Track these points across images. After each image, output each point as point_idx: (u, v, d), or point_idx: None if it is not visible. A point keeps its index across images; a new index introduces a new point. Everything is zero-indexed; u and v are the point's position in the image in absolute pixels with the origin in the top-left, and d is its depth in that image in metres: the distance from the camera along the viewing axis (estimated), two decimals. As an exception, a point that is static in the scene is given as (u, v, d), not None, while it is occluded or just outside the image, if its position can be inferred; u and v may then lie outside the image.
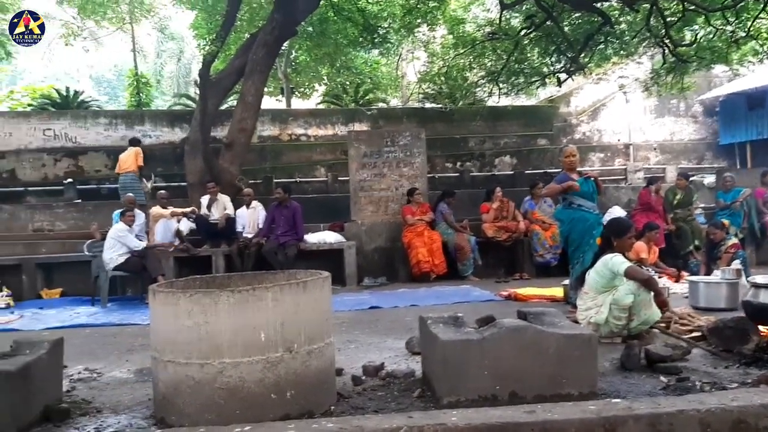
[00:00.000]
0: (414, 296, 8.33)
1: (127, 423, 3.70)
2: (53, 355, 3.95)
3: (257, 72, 11.04)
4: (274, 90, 21.20)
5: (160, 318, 3.57)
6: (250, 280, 4.32)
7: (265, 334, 3.43)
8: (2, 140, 14.49)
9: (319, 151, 15.65)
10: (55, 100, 17.21)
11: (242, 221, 10.35)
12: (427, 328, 4.06)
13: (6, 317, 7.85)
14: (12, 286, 9.28)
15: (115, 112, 16.69)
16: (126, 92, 22.07)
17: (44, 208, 12.62)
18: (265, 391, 3.43)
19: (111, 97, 35.35)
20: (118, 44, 22.90)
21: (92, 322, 7.47)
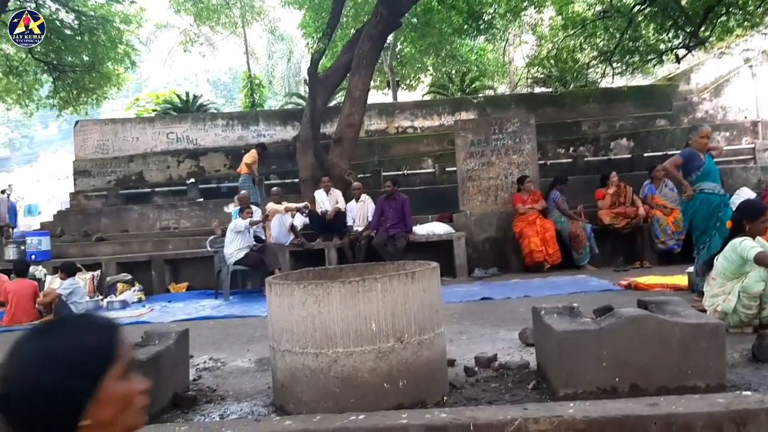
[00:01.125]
0: (527, 287, 8.14)
1: (249, 410, 3.85)
2: (180, 345, 4.18)
3: (363, 66, 11.18)
4: (380, 84, 21.40)
5: (276, 309, 3.68)
6: (360, 271, 4.37)
7: (375, 324, 3.46)
8: (130, 144, 15.55)
9: (426, 142, 15.64)
10: (177, 104, 18.25)
11: (352, 215, 10.52)
12: (540, 318, 3.95)
13: (138, 311, 8.43)
14: (143, 282, 9.93)
15: (231, 114, 17.46)
16: (241, 94, 23.02)
17: (170, 207, 13.45)
18: (378, 380, 3.46)
19: (227, 100, 37.03)
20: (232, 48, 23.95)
21: (216, 314, 7.85)
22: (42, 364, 1.10)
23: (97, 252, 10.92)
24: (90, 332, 1.18)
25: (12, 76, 16.02)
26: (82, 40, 15.05)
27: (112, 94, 17.42)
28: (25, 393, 1.08)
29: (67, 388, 1.09)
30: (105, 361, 1.15)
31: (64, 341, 1.13)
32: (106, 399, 1.12)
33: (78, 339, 1.15)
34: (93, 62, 15.28)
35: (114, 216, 13.33)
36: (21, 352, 1.13)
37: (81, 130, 15.58)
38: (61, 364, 1.10)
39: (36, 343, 1.13)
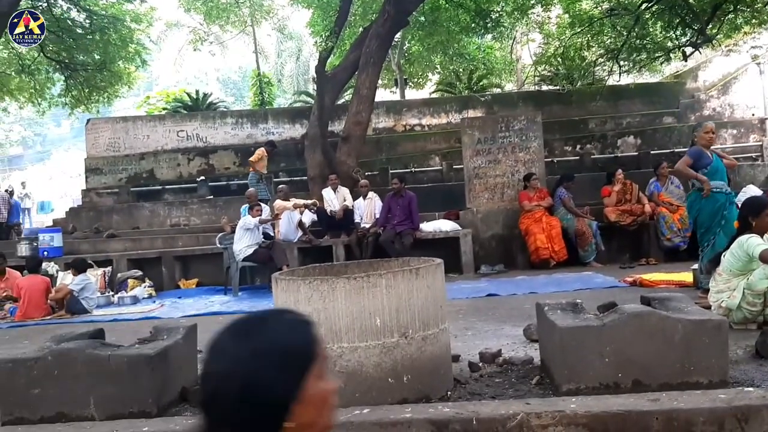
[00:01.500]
0: (532, 284, 8.19)
1: (256, 403, 3.92)
2: (188, 340, 4.26)
3: (371, 64, 11.24)
4: (388, 82, 21.46)
5: (283, 304, 3.75)
6: (365, 267, 4.43)
7: (380, 319, 3.52)
8: (141, 142, 15.68)
9: (434, 140, 15.69)
10: (187, 102, 18.39)
11: (360, 212, 10.59)
12: (544, 314, 4.01)
13: (149, 306, 8.54)
14: (153, 278, 10.04)
15: (240, 112, 17.57)
16: (250, 92, 23.14)
17: (180, 204, 13.56)
18: (383, 375, 3.53)
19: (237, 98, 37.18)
20: (242, 47, 24.05)
21: (225, 310, 7.94)
22: (251, 362, 1.06)
23: (109, 248, 11.04)
24: (294, 330, 1.13)
25: (24, 74, 16.18)
26: (94, 39, 15.18)
27: (123, 92, 17.58)
28: (233, 392, 1.04)
29: (276, 388, 1.06)
30: (309, 360, 1.11)
31: (270, 339, 1.09)
32: (308, 399, 1.08)
33: (284, 337, 1.11)
34: (104, 61, 15.40)
35: (125, 213, 13.47)
36: (226, 350, 1.09)
37: (92, 128, 15.73)
38: (270, 362, 1.06)
39: (241, 341, 1.09)
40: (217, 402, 1.06)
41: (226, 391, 1.05)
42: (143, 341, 4.07)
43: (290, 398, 1.07)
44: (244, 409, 1.05)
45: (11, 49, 16.07)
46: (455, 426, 3.03)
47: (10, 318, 8.00)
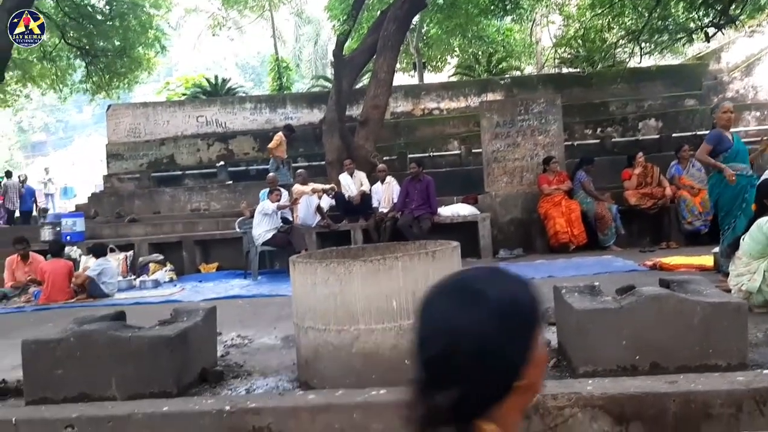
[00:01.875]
0: (551, 267, 8.15)
1: (274, 385, 3.98)
2: (207, 322, 4.31)
3: (389, 48, 11.18)
4: (406, 66, 21.35)
5: (300, 287, 3.78)
6: (382, 250, 4.45)
7: (396, 302, 3.54)
8: (162, 128, 15.79)
9: (452, 124, 15.61)
10: (206, 88, 18.47)
11: (377, 196, 10.58)
12: (561, 297, 4.00)
13: (170, 290, 8.64)
14: (174, 262, 10.14)
15: (259, 97, 17.61)
16: (269, 77, 23.17)
17: (200, 189, 13.67)
18: (399, 357, 3.54)
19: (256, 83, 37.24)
20: (260, 31, 24.05)
21: (244, 293, 8.01)
22: (487, 322, 1.02)
23: (130, 233, 11.17)
24: (521, 289, 1.08)
25: (46, 61, 16.37)
26: (113, 24, 15.30)
27: (142, 78, 17.71)
28: (468, 351, 1.00)
29: (511, 347, 1.02)
30: (536, 320, 1.07)
31: (502, 299, 1.04)
32: (534, 360, 1.05)
33: (515, 297, 1.06)
34: (124, 47, 15.53)
35: (146, 198, 13.60)
36: (455, 308, 1.04)
37: (113, 114, 15.86)
38: (504, 322, 1.02)
39: (472, 300, 1.04)
40: (447, 360, 1.01)
41: (459, 350, 1.01)
42: (163, 323, 4.12)
43: (522, 358, 1.03)
44: (478, 368, 1.01)
45: (33, 36, 16.21)
46: (471, 407, 3.03)
47: (35, 301, 8.14)
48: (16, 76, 17.19)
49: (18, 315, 7.51)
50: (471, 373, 1.01)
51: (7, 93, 17.86)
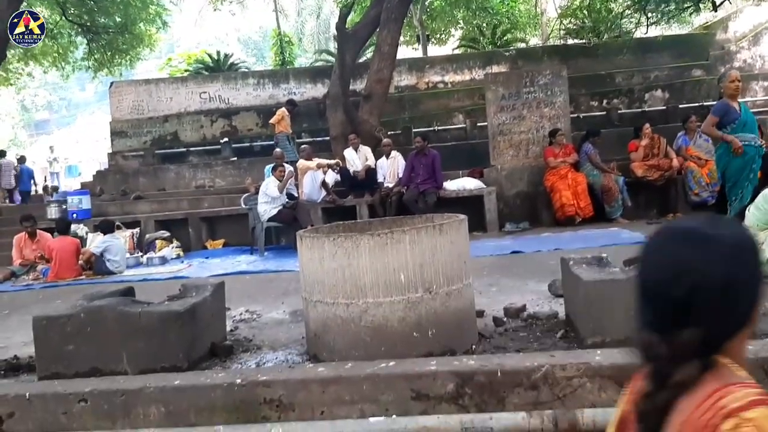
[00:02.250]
0: (558, 240, 8.14)
1: (283, 358, 4.01)
2: (216, 297, 4.33)
3: (392, 21, 11.06)
4: (410, 39, 21.16)
5: (308, 261, 3.79)
6: (389, 224, 4.45)
7: (404, 275, 3.54)
8: (165, 105, 15.72)
9: (457, 97, 15.50)
10: (208, 64, 18.36)
11: (383, 171, 10.55)
12: (569, 269, 4.00)
13: (177, 266, 8.67)
14: (180, 239, 10.17)
15: (261, 72, 17.49)
16: (271, 52, 23.01)
17: (204, 166, 13.66)
18: (408, 329, 3.56)
19: (258, 58, 36.98)
20: (261, 6, 23.81)
21: (251, 269, 8.03)
22: (731, 260, 1.06)
23: (136, 210, 11.19)
24: (745, 232, 1.13)
25: (47, 38, 16.23)
26: (114, 1, 15.16)
27: (144, 55, 17.60)
28: (716, 288, 1.05)
29: (753, 283, 1.08)
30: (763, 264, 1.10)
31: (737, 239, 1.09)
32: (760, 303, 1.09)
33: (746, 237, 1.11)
34: (125, 23, 15.43)
35: (151, 175, 13.60)
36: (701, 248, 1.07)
37: (116, 92, 15.79)
38: (746, 259, 1.08)
39: (710, 241, 1.07)
40: (693, 300, 1.06)
41: (706, 289, 1.05)
42: (173, 299, 4.14)
43: (757, 295, 1.08)
44: (724, 305, 1.06)
45: (34, 14, 16.10)
46: (480, 378, 3.06)
47: (43, 279, 8.18)
48: (17, 54, 17.11)
49: (27, 292, 7.56)
50: (717, 310, 1.06)
51: (9, 71, 17.79)
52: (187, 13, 23.45)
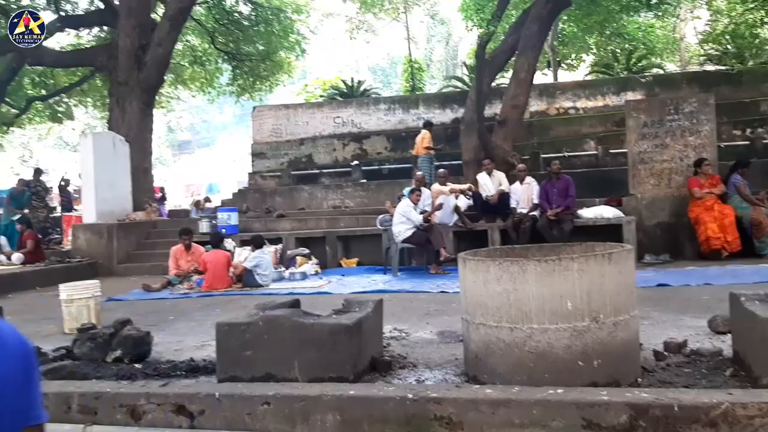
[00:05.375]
0: (705, 275, 7.79)
1: (441, 377, 4.12)
2: (376, 313, 4.53)
3: (530, 47, 11.11)
4: (541, 64, 20.99)
5: (471, 283, 3.89)
6: (548, 251, 4.48)
7: (571, 303, 3.56)
8: (301, 128, 16.52)
9: (589, 123, 15.22)
10: (342, 90, 19.12)
11: (516, 197, 10.53)
12: (740, 305, 3.86)
13: (318, 282, 9.07)
14: (318, 256, 10.61)
15: (392, 98, 17.99)
16: (399, 78, 23.59)
17: (336, 187, 14.21)
18: (573, 357, 3.57)
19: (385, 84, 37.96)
20: (392, 33, 24.54)
21: (388, 288, 8.26)
22: None
23: (278, 227, 11.81)
24: None
25: (196, 65, 17.59)
26: (258, 30, 16.20)
27: (282, 80, 18.60)
28: None
29: None
30: None
31: None
32: None
33: None
34: (267, 51, 16.41)
35: (287, 195, 14.30)
36: None
37: (258, 115, 16.77)
38: None
39: None
40: None
41: None
42: (339, 312, 4.38)
43: None
44: None
45: (185, 42, 17.51)
46: (655, 411, 3.03)
47: (197, 288, 8.81)
48: (169, 80, 18.59)
49: (185, 300, 8.17)
50: None
51: (162, 95, 19.37)
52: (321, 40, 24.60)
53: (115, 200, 12.63)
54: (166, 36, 14.06)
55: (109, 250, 11.57)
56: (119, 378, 4.28)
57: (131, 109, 14.02)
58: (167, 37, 14.05)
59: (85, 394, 3.89)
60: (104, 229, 11.75)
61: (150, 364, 4.65)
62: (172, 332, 6.03)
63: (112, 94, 14.80)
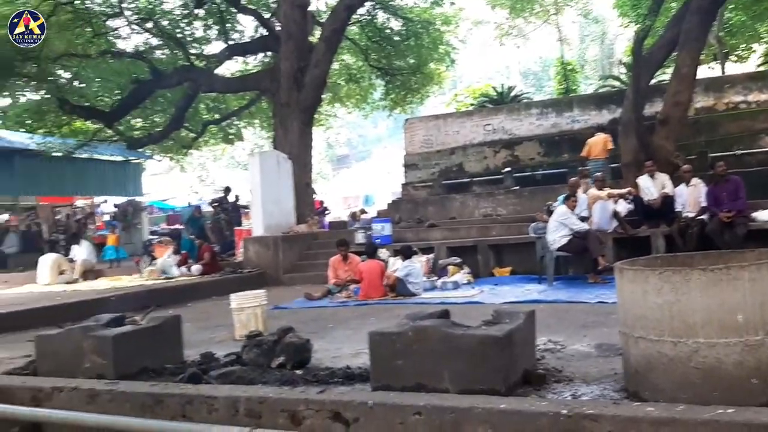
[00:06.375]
0: None
1: (599, 393, 3.94)
2: (528, 325, 4.43)
3: (692, 40, 10.39)
4: (706, 57, 19.54)
5: (629, 295, 3.70)
6: (715, 259, 4.15)
7: (742, 315, 3.28)
8: (451, 138, 16.62)
9: (763, 118, 13.88)
10: (492, 96, 19.01)
11: (681, 200, 9.87)
12: None
13: (470, 291, 9.06)
14: (470, 265, 10.58)
15: (544, 102, 17.57)
16: (553, 81, 23.01)
17: (487, 195, 14.13)
18: (744, 374, 3.29)
19: (537, 89, 37.24)
20: (542, 37, 23.99)
21: (543, 298, 8.05)
22: None
23: (430, 237, 11.96)
24: None
25: (351, 83, 18.31)
26: (409, 44, 16.54)
27: (433, 92, 18.85)
28: None
29: None
30: None
31: None
32: None
33: None
34: (418, 64, 16.71)
35: (438, 204, 14.44)
36: None
37: (409, 127, 17.10)
38: None
39: None
40: None
41: None
42: (488, 323, 4.34)
43: None
44: None
45: (341, 61, 18.30)
46: None
47: (354, 297, 9.13)
48: (327, 98, 19.51)
49: (343, 308, 8.49)
50: None
51: (320, 113, 20.38)
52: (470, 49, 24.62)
53: (280, 214, 13.44)
54: (322, 57, 14.78)
55: (275, 261, 12.30)
56: (281, 383, 4.52)
57: (293, 129, 14.87)
58: (323, 57, 14.76)
59: (250, 399, 4.15)
60: (270, 241, 12.52)
61: (310, 371, 4.88)
62: (330, 340, 6.29)
63: (275, 114, 15.81)
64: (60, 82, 16.66)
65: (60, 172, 20.46)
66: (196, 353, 5.48)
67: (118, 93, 17.40)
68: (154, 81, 16.42)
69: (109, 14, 16.25)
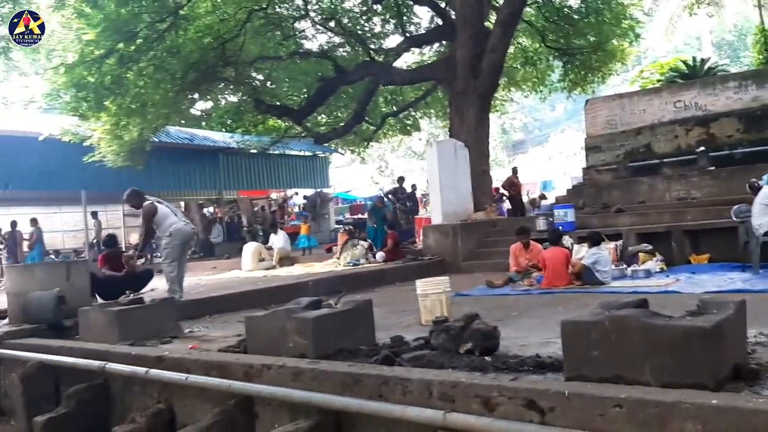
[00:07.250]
0: None
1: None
2: (738, 316, 4.11)
3: None
4: None
5: None
6: None
7: None
8: (637, 117, 15.66)
9: None
10: (682, 71, 17.65)
11: None
12: None
13: (664, 280, 8.54)
14: (662, 252, 9.96)
15: (743, 74, 15.97)
16: (752, 50, 20.86)
17: (679, 177, 13.20)
18: None
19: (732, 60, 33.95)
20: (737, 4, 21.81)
21: (749, 288, 7.40)
22: None
23: (617, 223, 11.42)
24: None
25: (528, 66, 17.92)
26: (588, 21, 15.84)
27: (616, 70, 17.89)
28: None
29: None
30: None
31: None
32: None
33: None
34: (599, 42, 15.95)
35: (624, 188, 13.73)
36: None
37: (591, 108, 16.38)
38: None
39: None
40: None
41: None
42: (693, 314, 4.10)
43: None
44: None
45: (517, 44, 17.97)
46: None
47: (537, 285, 8.99)
48: (502, 83, 19.27)
49: (527, 297, 8.40)
50: None
51: (496, 99, 20.18)
52: (656, 22, 23.01)
53: (458, 202, 13.57)
54: (498, 42, 14.63)
55: (454, 249, 12.44)
56: (471, 369, 4.59)
57: (469, 116, 14.89)
58: (500, 42, 14.60)
59: (443, 383, 4.27)
60: (449, 229, 12.68)
61: (498, 358, 4.90)
62: (516, 328, 6.26)
63: (451, 103, 15.93)
64: (255, 84, 18.10)
65: (256, 167, 22.37)
66: (386, 336, 5.72)
67: (306, 91, 18.53)
68: (338, 78, 17.24)
69: (296, 17, 17.33)
